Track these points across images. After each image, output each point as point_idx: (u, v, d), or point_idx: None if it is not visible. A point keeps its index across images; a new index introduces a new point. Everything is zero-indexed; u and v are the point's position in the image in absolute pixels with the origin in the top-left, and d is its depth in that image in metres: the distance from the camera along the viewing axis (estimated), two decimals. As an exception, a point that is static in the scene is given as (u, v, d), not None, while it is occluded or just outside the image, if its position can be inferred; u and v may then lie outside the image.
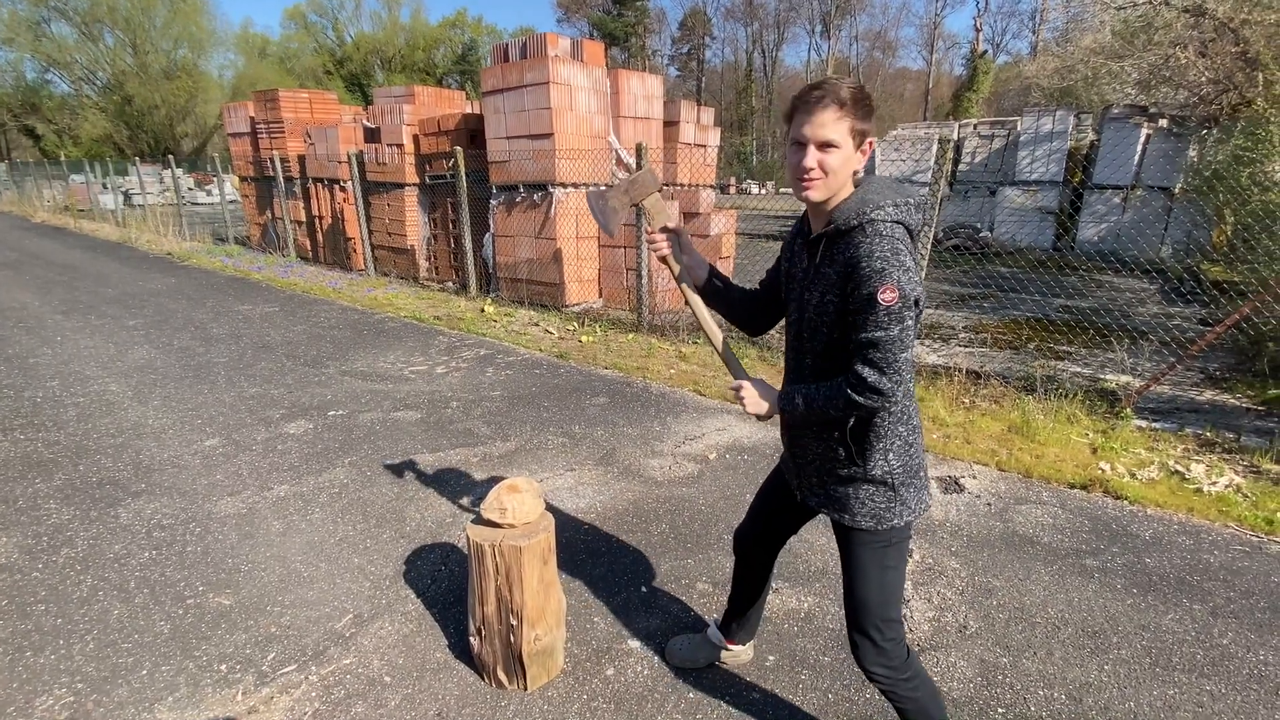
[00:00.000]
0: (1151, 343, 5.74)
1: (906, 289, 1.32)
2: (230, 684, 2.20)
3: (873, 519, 1.54)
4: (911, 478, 1.55)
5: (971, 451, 3.95)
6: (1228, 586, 2.70)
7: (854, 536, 1.59)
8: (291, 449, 4.03)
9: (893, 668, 1.61)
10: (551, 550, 2.14)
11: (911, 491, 1.55)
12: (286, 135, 11.06)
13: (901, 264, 1.33)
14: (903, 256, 1.34)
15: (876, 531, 1.55)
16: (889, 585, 1.59)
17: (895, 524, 1.54)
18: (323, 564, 2.86)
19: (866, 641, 1.61)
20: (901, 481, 1.53)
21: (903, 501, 1.54)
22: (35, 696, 2.15)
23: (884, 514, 1.54)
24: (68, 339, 6.57)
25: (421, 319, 7.43)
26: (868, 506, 1.54)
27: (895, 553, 1.58)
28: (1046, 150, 12.97)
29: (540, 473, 3.71)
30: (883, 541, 1.57)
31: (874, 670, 1.62)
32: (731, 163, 43.63)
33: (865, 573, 1.59)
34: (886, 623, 1.60)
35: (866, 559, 1.59)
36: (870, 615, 1.59)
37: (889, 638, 1.60)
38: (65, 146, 38.98)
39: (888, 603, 1.59)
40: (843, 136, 1.37)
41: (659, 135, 8.48)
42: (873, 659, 1.61)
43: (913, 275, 1.35)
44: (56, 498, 3.45)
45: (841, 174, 1.40)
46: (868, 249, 1.34)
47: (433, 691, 2.16)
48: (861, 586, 1.60)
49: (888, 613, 1.59)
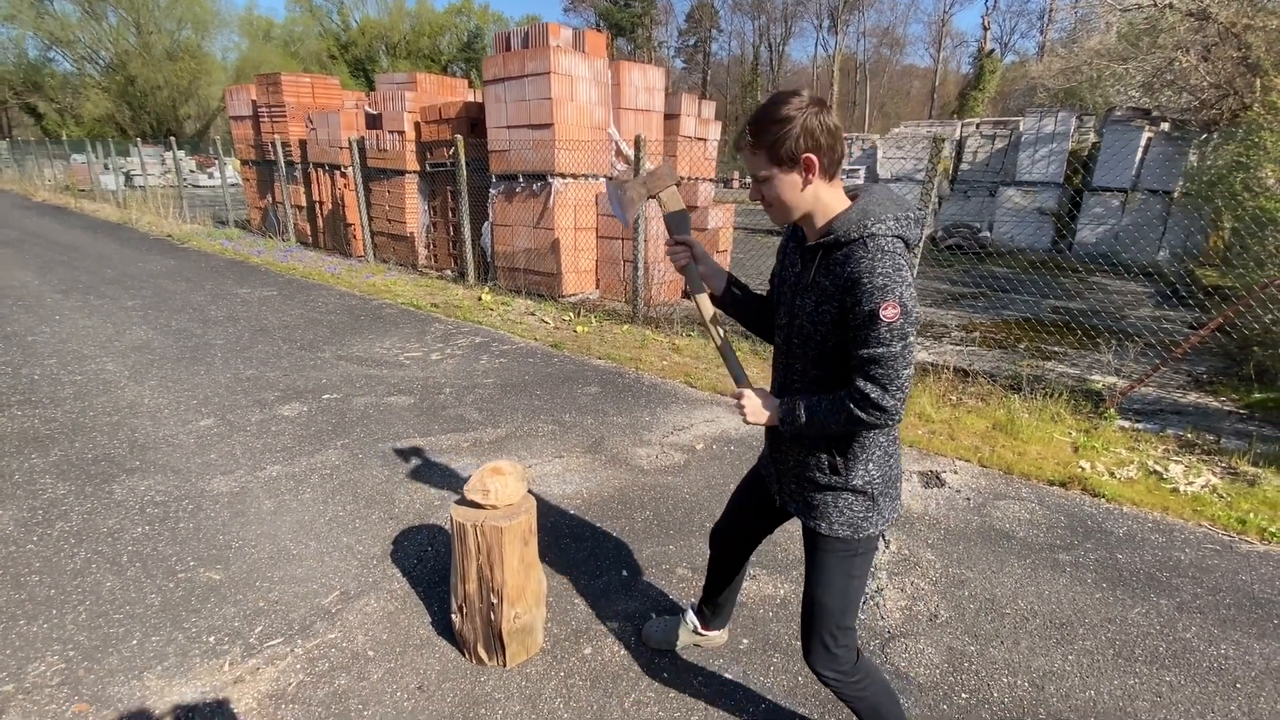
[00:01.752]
0: (1138, 345, 5.80)
1: (909, 305, 1.30)
2: (218, 655, 2.26)
3: (849, 528, 1.54)
4: (889, 487, 1.55)
5: (955, 448, 4.01)
6: (1195, 583, 2.77)
7: (824, 543, 1.59)
8: (285, 430, 4.09)
9: (842, 671, 1.63)
10: (532, 532, 2.20)
11: (887, 501, 1.56)
12: (289, 119, 11.07)
13: (904, 279, 1.30)
14: (904, 272, 1.31)
15: (849, 540, 1.56)
16: (851, 593, 1.60)
17: (870, 532, 1.55)
18: (312, 542, 2.92)
19: (819, 646, 1.62)
20: (880, 491, 1.53)
21: (879, 511, 1.55)
22: (28, 663, 2.21)
23: (860, 523, 1.54)
24: (66, 318, 6.61)
25: (419, 306, 7.47)
26: (845, 515, 1.54)
27: (861, 563, 1.59)
28: (1048, 151, 12.98)
29: (529, 459, 3.77)
30: (851, 550, 1.57)
31: (824, 673, 1.64)
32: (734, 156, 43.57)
33: (830, 580, 1.59)
34: (842, 630, 1.61)
35: (833, 566, 1.59)
36: (827, 621, 1.60)
37: (842, 644, 1.61)
38: (67, 126, 38.86)
39: (846, 610, 1.60)
40: (764, 167, 1.38)
41: (659, 128, 8.50)
42: (824, 663, 1.63)
43: (913, 290, 1.33)
44: (52, 473, 3.51)
45: (789, 198, 1.40)
46: (869, 265, 1.31)
47: (415, 666, 2.23)
48: (824, 593, 1.60)
49: (845, 620, 1.60)
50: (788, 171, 1.36)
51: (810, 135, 1.31)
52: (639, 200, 1.82)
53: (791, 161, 1.34)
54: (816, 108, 1.32)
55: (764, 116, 1.34)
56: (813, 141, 1.32)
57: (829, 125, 1.32)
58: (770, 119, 1.33)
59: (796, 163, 1.34)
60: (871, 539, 1.58)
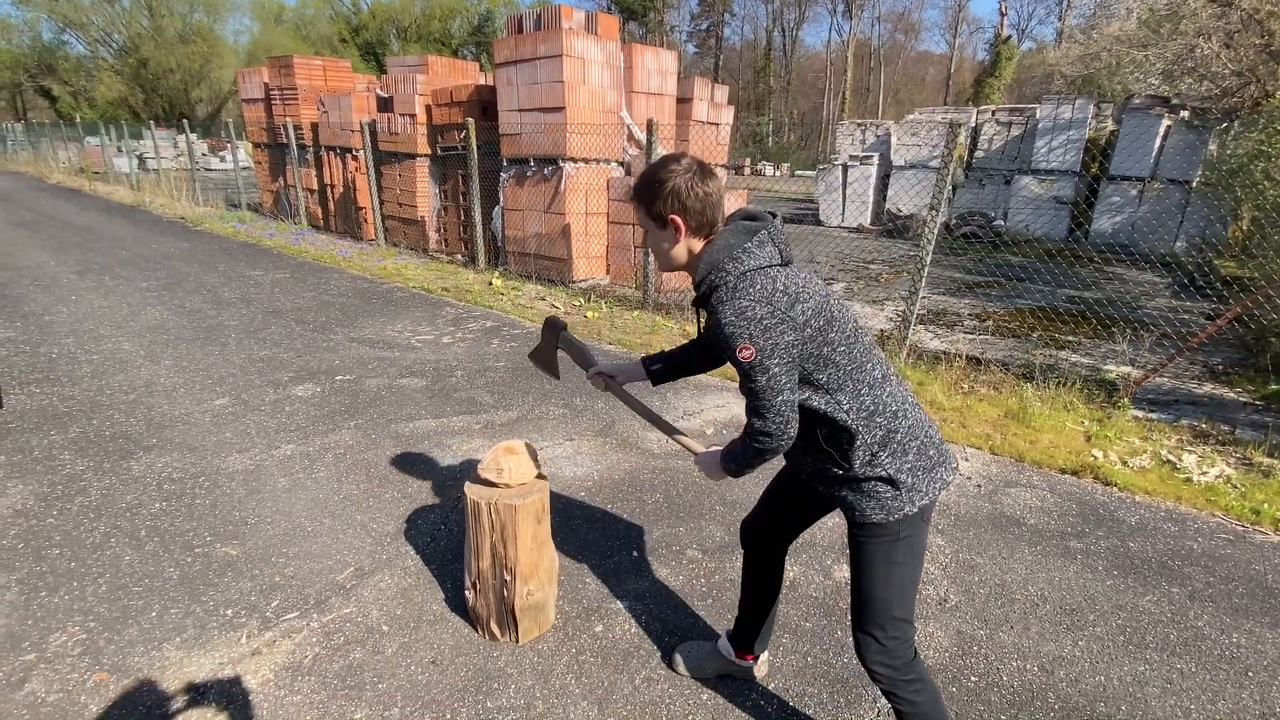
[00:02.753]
0: (1154, 335, 5.74)
1: (761, 342, 1.38)
2: (235, 628, 2.30)
3: (882, 511, 1.49)
4: (917, 460, 1.50)
5: (966, 435, 4.00)
6: (1208, 572, 2.76)
7: (861, 531, 1.55)
8: (299, 410, 4.12)
9: (894, 667, 1.56)
10: (545, 510, 2.22)
11: (918, 475, 1.49)
12: (300, 102, 11.07)
13: (749, 320, 1.38)
14: (749, 313, 1.38)
15: (885, 525, 1.50)
16: (896, 581, 1.53)
17: (907, 511, 1.49)
18: (326, 520, 2.96)
19: (869, 638, 1.57)
20: (897, 469, 1.48)
21: (910, 488, 1.49)
22: (50, 633, 2.26)
23: (890, 505, 1.49)
24: (82, 298, 6.68)
25: (430, 290, 7.50)
26: (872, 501, 1.50)
27: (904, 548, 1.52)
28: (1065, 139, 12.80)
29: (541, 441, 3.79)
30: (891, 535, 1.51)
31: (875, 668, 1.57)
32: (747, 143, 43.19)
33: (872, 568, 1.54)
34: (892, 621, 1.54)
35: (874, 554, 1.54)
36: (874, 613, 1.55)
37: (893, 636, 1.55)
38: (80, 108, 39.05)
39: (893, 600, 1.54)
40: (645, 222, 1.56)
41: (672, 112, 8.45)
42: (874, 656, 1.56)
43: (766, 322, 1.38)
44: (71, 449, 3.56)
45: (661, 247, 1.56)
46: (719, 315, 1.42)
47: (428, 641, 2.26)
48: (867, 582, 1.55)
49: (893, 611, 1.54)
50: (660, 228, 1.53)
51: (677, 198, 1.48)
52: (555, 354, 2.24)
53: (661, 220, 1.51)
54: (690, 174, 1.47)
55: (644, 177, 1.53)
56: (679, 205, 1.48)
57: (699, 191, 1.47)
58: (648, 179, 1.51)
59: (666, 222, 1.51)
60: (911, 522, 1.51)
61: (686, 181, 1.47)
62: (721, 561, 2.73)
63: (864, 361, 1.49)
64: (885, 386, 1.50)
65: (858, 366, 1.47)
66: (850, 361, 1.47)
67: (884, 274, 9.55)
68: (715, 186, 1.50)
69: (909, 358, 5.13)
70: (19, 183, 19.87)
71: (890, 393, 1.50)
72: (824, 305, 1.46)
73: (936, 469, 1.52)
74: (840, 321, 1.47)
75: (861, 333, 1.52)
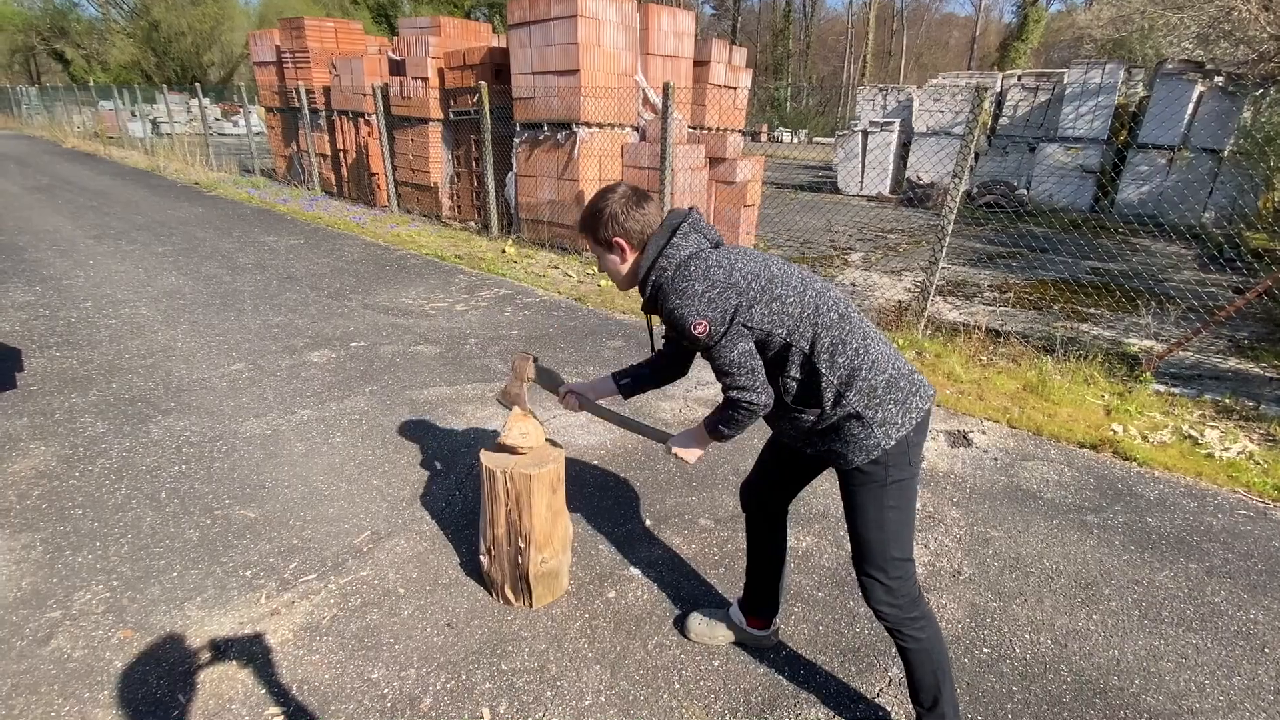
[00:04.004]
0: (1179, 308, 5.62)
1: (709, 313, 1.50)
2: (254, 588, 2.34)
3: (861, 452, 1.54)
4: (885, 396, 1.53)
5: (984, 408, 3.96)
6: (1226, 548, 2.73)
7: (851, 477, 1.61)
8: (314, 376, 4.15)
9: (899, 606, 1.62)
10: (560, 480, 2.22)
11: (891, 409, 1.53)
12: (312, 65, 10.94)
13: (693, 297, 1.51)
14: (690, 292, 1.51)
15: (870, 470, 1.56)
16: (891, 524, 1.59)
17: (884, 445, 1.52)
18: (343, 484, 2.99)
19: (872, 581, 1.63)
20: (865, 405, 1.52)
21: (882, 423, 1.52)
22: (74, 591, 2.31)
23: (866, 443, 1.53)
24: (99, 263, 6.72)
25: (443, 257, 7.47)
26: (849, 445, 1.55)
27: (894, 492, 1.57)
28: (1093, 105, 12.42)
29: (554, 410, 3.79)
30: (878, 480, 1.56)
31: (880, 608, 1.64)
32: (764, 109, 42.31)
33: (864, 513, 1.61)
34: (892, 562, 1.61)
35: (865, 499, 1.60)
36: (873, 555, 1.61)
37: (895, 576, 1.61)
38: (94, 72, 38.90)
39: (889, 541, 1.60)
40: (594, 248, 1.72)
41: (688, 75, 8.26)
42: (879, 597, 1.63)
43: (708, 295, 1.50)
44: (91, 412, 3.60)
45: (612, 266, 1.71)
46: (668, 305, 1.55)
47: (444, 604, 2.29)
48: (862, 527, 1.62)
49: (890, 552, 1.60)
50: (609, 252, 1.69)
51: (616, 222, 1.62)
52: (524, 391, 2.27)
53: (607, 244, 1.67)
54: (624, 200, 1.63)
55: (587, 208, 1.68)
56: (620, 228, 1.63)
57: (635, 214, 1.62)
58: (589, 211, 1.67)
59: (612, 245, 1.66)
60: (896, 464, 1.55)
61: (622, 206, 1.62)
62: (734, 531, 2.74)
63: (819, 304, 1.55)
64: (844, 325, 1.55)
65: (814, 311, 1.53)
66: (803, 308, 1.53)
67: (903, 244, 9.40)
68: (652, 208, 1.65)
69: (927, 329, 5.06)
70: (35, 147, 19.92)
71: (849, 331, 1.55)
72: (761, 268, 1.57)
73: (910, 399, 1.56)
74: (782, 276, 1.56)
75: (811, 279, 1.61)
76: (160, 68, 38.86)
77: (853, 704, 1.95)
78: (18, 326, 4.84)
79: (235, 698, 1.91)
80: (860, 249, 8.94)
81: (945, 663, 1.70)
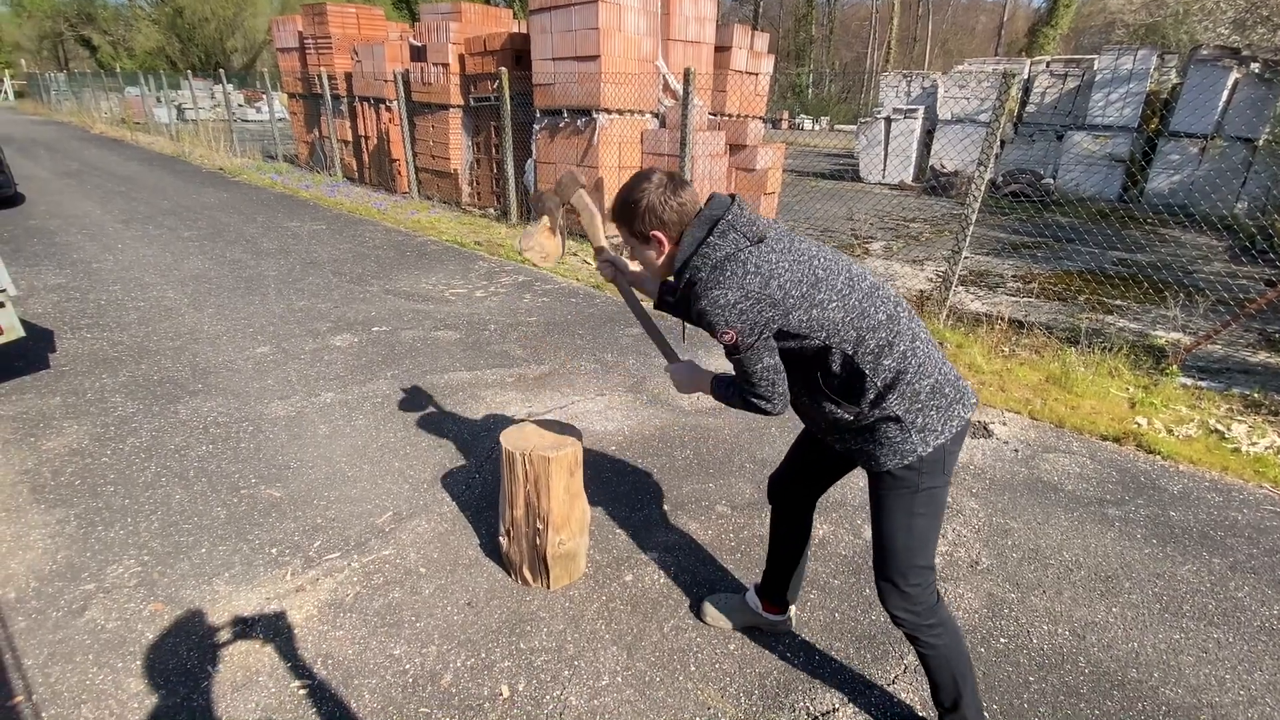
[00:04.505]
0: (1208, 300, 5.51)
1: (739, 324, 1.43)
2: (280, 565, 2.40)
3: (896, 456, 1.50)
4: (927, 401, 1.48)
5: (1005, 399, 3.92)
6: (1251, 544, 2.69)
7: (882, 480, 1.56)
8: (337, 360, 4.21)
9: (916, 612, 1.60)
10: (578, 463, 2.24)
11: (933, 415, 1.48)
12: (334, 51, 10.99)
13: (725, 307, 1.43)
14: (723, 300, 1.43)
15: (903, 475, 1.51)
16: (918, 532, 1.55)
17: (920, 451, 1.48)
18: (366, 466, 3.04)
19: (890, 586, 1.60)
20: (906, 409, 1.47)
21: (922, 428, 1.47)
22: (107, 565, 2.38)
23: (903, 447, 1.48)
24: (128, 247, 6.84)
25: (463, 244, 7.51)
26: (884, 447, 1.51)
27: (925, 499, 1.53)
28: (1123, 93, 12.13)
29: (572, 396, 3.82)
30: (910, 486, 1.52)
31: (897, 614, 1.62)
32: (786, 95, 41.80)
33: (892, 519, 1.56)
34: (914, 569, 1.57)
35: (894, 505, 1.55)
36: (896, 561, 1.58)
37: (913, 583, 1.58)
38: (120, 58, 39.42)
39: (914, 549, 1.56)
40: (628, 239, 1.63)
41: (709, 61, 8.19)
42: (896, 602, 1.61)
43: (741, 306, 1.42)
44: (121, 392, 3.69)
45: (649, 259, 1.64)
46: (698, 304, 1.47)
47: (464, 584, 2.33)
48: (888, 533, 1.58)
49: (916, 560, 1.57)
50: (644, 244, 1.61)
51: (654, 214, 1.53)
52: (558, 211, 2.06)
53: (643, 237, 1.58)
54: (661, 189, 1.53)
55: (620, 198, 1.59)
56: (657, 220, 1.54)
57: (673, 203, 1.52)
58: (624, 201, 1.58)
59: (648, 238, 1.57)
60: (931, 471, 1.50)
61: (659, 197, 1.52)
62: (750, 518, 2.75)
63: (865, 307, 1.47)
64: (893, 326, 1.48)
65: (859, 314, 1.46)
66: (847, 312, 1.45)
67: (925, 233, 9.29)
68: (688, 195, 1.55)
69: (949, 319, 5.01)
70: (64, 132, 20.26)
71: (898, 333, 1.48)
72: (805, 271, 1.46)
73: (953, 406, 1.51)
74: (827, 279, 1.46)
75: (859, 278, 1.51)
76: (185, 54, 39.27)
77: (867, 690, 1.96)
78: (50, 308, 4.95)
79: (262, 670, 1.96)
80: (882, 238, 8.85)
81: (965, 667, 1.67)
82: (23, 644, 2.03)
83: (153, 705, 1.84)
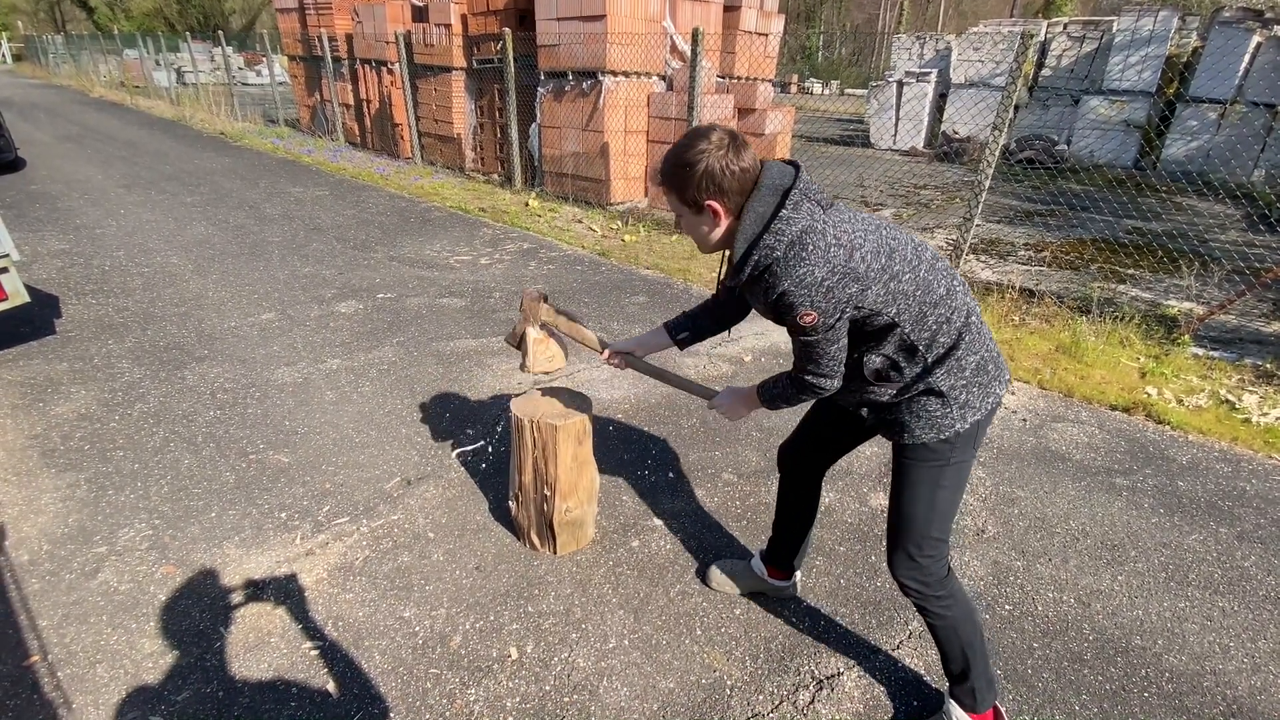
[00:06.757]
0: (1222, 270, 5.42)
1: (823, 305, 1.30)
2: (289, 530, 2.41)
3: (932, 429, 1.45)
4: (971, 378, 1.44)
5: (1014, 369, 3.89)
6: (1259, 514, 2.68)
7: (909, 452, 1.52)
8: (343, 326, 4.19)
9: (926, 583, 1.58)
10: (587, 433, 2.23)
11: (974, 392, 1.44)
12: (334, 12, 10.77)
13: (811, 285, 1.29)
14: (809, 278, 1.28)
15: (936, 448, 1.48)
16: (940, 504, 1.52)
17: (958, 428, 1.45)
18: (373, 432, 3.05)
19: (903, 554, 1.58)
20: (950, 385, 1.43)
21: (964, 404, 1.44)
22: (119, 529, 2.40)
23: (941, 421, 1.44)
24: (130, 212, 6.79)
25: (466, 210, 7.44)
26: (921, 419, 1.46)
27: (952, 473, 1.50)
28: (1142, 56, 11.80)
29: (578, 364, 3.80)
30: (941, 460, 1.49)
31: (907, 583, 1.59)
32: (795, 58, 40.88)
33: (916, 489, 1.53)
34: (929, 541, 1.55)
35: (921, 476, 1.52)
36: (912, 532, 1.55)
37: (927, 554, 1.56)
38: (118, 20, 38.73)
39: (934, 521, 1.53)
40: (677, 207, 1.42)
41: (718, 20, 7.99)
42: (907, 572, 1.58)
43: (828, 283, 1.29)
44: (128, 358, 3.69)
45: (699, 232, 1.45)
46: (777, 288, 1.33)
47: (472, 548, 2.34)
48: (909, 504, 1.54)
49: (932, 531, 1.54)
50: (696, 214, 1.40)
51: (712, 180, 1.33)
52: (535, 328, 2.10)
53: (697, 206, 1.38)
54: (723, 151, 1.32)
55: (672, 159, 1.37)
56: (715, 188, 1.34)
57: (734, 169, 1.32)
58: (677, 163, 1.35)
59: (702, 208, 1.38)
60: (963, 445, 1.48)
61: (720, 161, 1.32)
62: (756, 485, 2.75)
63: (930, 280, 1.39)
64: (950, 301, 1.42)
65: (925, 288, 1.38)
66: (916, 285, 1.37)
67: (936, 200, 9.15)
68: (750, 159, 1.35)
69: (957, 288, 4.95)
70: (63, 96, 20.03)
71: (954, 308, 1.42)
72: (881, 241, 1.36)
73: (992, 383, 1.48)
74: (900, 249, 1.38)
75: (922, 248, 1.43)
76: (182, 15, 38.59)
77: (872, 655, 1.98)
78: (54, 274, 4.94)
79: (274, 631, 1.99)
80: (892, 205, 8.72)
81: (975, 639, 1.64)
82: (37, 605, 2.06)
83: (167, 665, 1.87)
